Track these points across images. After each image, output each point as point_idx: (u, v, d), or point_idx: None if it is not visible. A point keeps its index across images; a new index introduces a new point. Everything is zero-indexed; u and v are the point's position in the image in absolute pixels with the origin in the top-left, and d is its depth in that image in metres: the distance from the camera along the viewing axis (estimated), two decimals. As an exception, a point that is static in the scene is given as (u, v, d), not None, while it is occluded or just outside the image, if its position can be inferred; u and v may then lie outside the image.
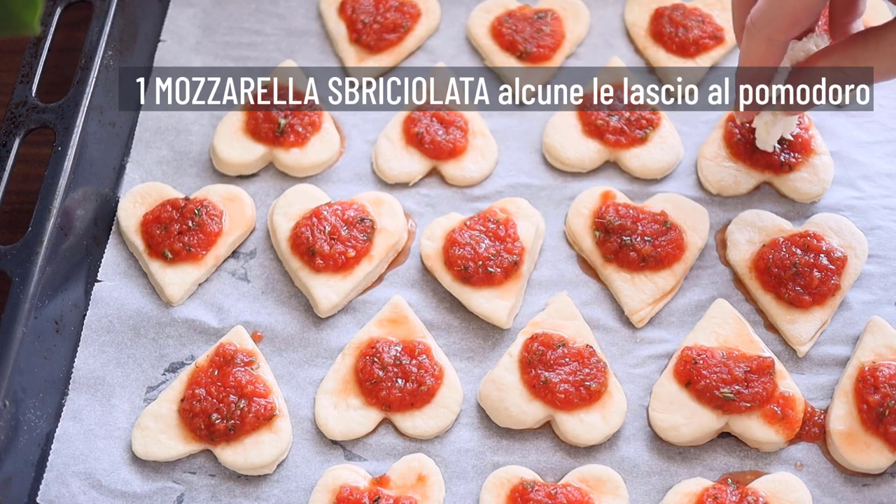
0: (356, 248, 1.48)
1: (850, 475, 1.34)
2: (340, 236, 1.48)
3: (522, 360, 1.39)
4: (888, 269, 1.50)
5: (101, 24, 1.59)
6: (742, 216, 1.53)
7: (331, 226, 1.48)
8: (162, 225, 1.51)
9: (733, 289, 1.49)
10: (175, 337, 1.47)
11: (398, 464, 1.35)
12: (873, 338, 1.41)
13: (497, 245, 1.47)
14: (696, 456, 1.37)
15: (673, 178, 1.60)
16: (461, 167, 1.59)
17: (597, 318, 1.47)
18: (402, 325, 1.45)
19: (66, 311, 1.44)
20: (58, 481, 1.35)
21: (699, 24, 1.70)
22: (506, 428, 1.39)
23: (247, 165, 1.60)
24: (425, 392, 1.38)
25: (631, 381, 1.42)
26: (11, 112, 1.50)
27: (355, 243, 1.48)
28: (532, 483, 1.31)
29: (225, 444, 1.35)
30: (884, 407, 1.32)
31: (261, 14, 1.78)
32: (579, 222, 1.53)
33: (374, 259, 1.49)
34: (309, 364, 1.45)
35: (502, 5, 1.76)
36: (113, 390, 1.42)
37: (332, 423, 1.38)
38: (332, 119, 1.65)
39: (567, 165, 1.60)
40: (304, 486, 1.36)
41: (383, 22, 1.71)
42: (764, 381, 1.35)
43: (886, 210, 1.55)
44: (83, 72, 1.54)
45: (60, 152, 1.47)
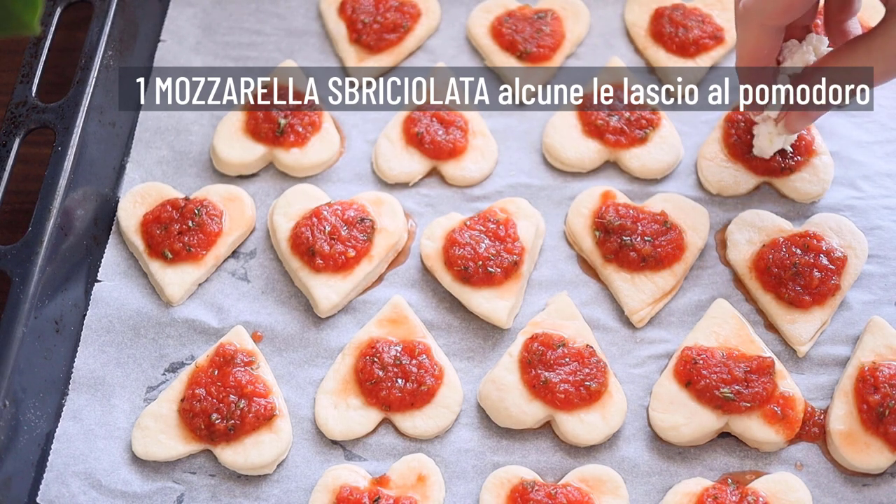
0: (356, 248, 1.48)
1: (850, 475, 1.34)
2: (340, 236, 1.48)
3: (522, 360, 1.39)
4: (888, 269, 1.50)
5: (101, 24, 1.59)
6: (742, 216, 1.53)
7: (331, 226, 1.48)
8: (162, 225, 1.51)
9: (733, 289, 1.50)
10: (175, 337, 1.47)
11: (398, 464, 1.35)
12: (873, 338, 1.41)
13: (497, 245, 1.47)
14: (696, 456, 1.37)
15: (673, 178, 1.60)
16: (461, 167, 1.59)
17: (597, 318, 1.47)
18: (402, 325, 1.45)
19: (66, 311, 1.44)
20: (58, 481, 1.35)
21: (699, 24, 1.70)
22: (506, 428, 1.39)
23: (247, 165, 1.60)
24: (425, 392, 1.38)
25: (631, 381, 1.42)
26: (11, 112, 1.50)
27: (355, 243, 1.48)
28: (532, 483, 1.31)
29: (225, 444, 1.35)
30: (884, 407, 1.32)
31: (261, 14, 1.78)
32: (579, 222, 1.53)
33: (374, 259, 1.49)
34: (309, 364, 1.45)
35: (502, 5, 1.76)
36: (113, 390, 1.42)
37: (332, 423, 1.38)
38: (332, 119, 1.65)
39: (567, 165, 1.60)
40: (304, 486, 1.36)
41: (383, 22, 1.71)
42: (764, 381, 1.35)
43: (886, 210, 1.55)
44: (83, 72, 1.54)
45: (60, 152, 1.47)
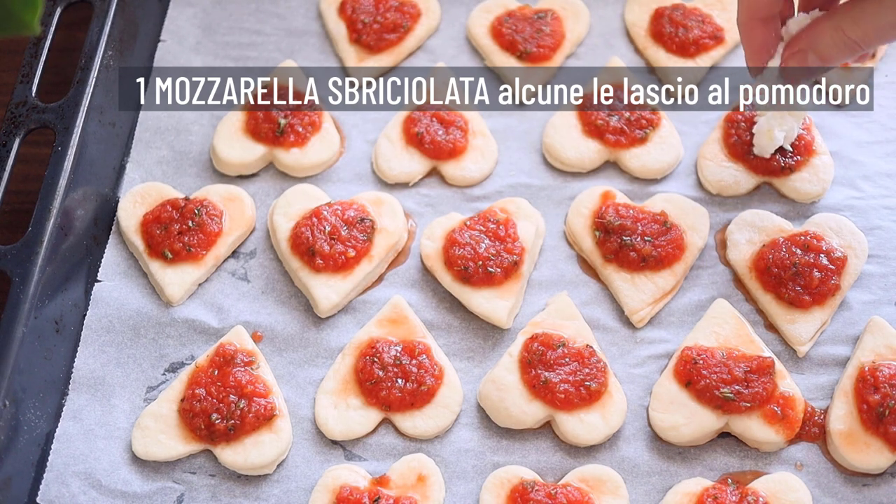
0: (356, 248, 1.48)
1: (850, 475, 1.34)
2: (340, 236, 1.48)
3: (522, 360, 1.39)
4: (888, 269, 1.50)
5: (101, 24, 1.59)
6: (742, 216, 1.53)
7: (331, 226, 1.48)
8: (162, 225, 1.51)
9: (733, 289, 1.50)
10: (175, 337, 1.47)
11: (398, 464, 1.35)
12: (873, 338, 1.41)
13: (497, 245, 1.47)
14: (696, 456, 1.37)
15: (673, 178, 1.60)
16: (461, 167, 1.59)
17: (597, 318, 1.47)
18: (402, 325, 1.45)
19: (66, 311, 1.44)
20: (58, 481, 1.35)
21: (699, 24, 1.70)
22: (506, 428, 1.39)
23: (247, 165, 1.60)
24: (425, 392, 1.38)
25: (631, 381, 1.42)
26: (11, 112, 1.50)
27: (355, 243, 1.48)
28: (532, 483, 1.31)
29: (225, 444, 1.35)
30: (884, 407, 1.32)
31: (261, 14, 1.78)
32: (579, 222, 1.53)
33: (374, 259, 1.49)
34: (309, 364, 1.45)
35: (502, 5, 1.76)
36: (113, 390, 1.42)
37: (332, 423, 1.38)
38: (332, 119, 1.65)
39: (567, 165, 1.60)
40: (304, 486, 1.36)
41: (383, 22, 1.71)
42: (764, 381, 1.35)
43: (886, 210, 1.55)
44: (83, 72, 1.54)
45: (60, 152, 1.47)
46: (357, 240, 1.49)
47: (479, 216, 1.51)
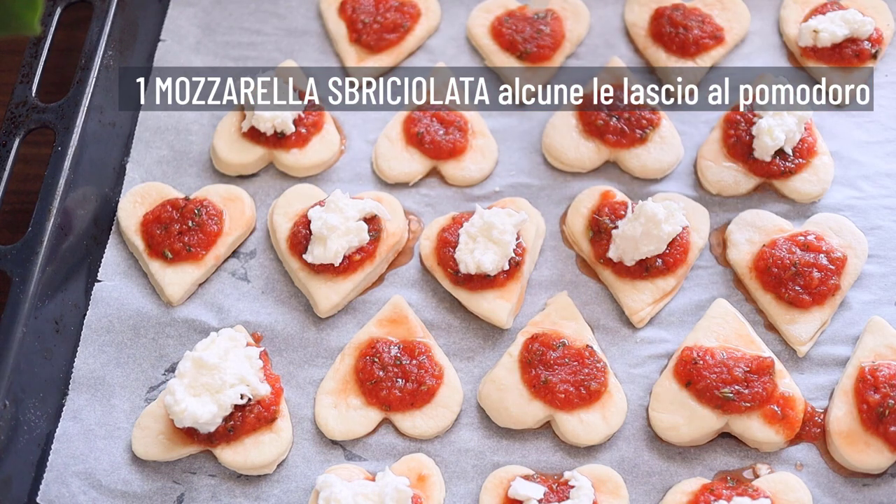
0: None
1: (850, 475, 1.34)
2: (340, 236, 1.48)
3: (522, 360, 1.39)
4: (888, 269, 1.50)
5: (101, 24, 1.59)
6: (742, 216, 1.53)
7: (331, 226, 1.48)
8: (162, 225, 1.51)
9: (733, 289, 1.50)
10: (175, 337, 1.47)
11: (398, 464, 1.35)
12: (873, 338, 1.41)
13: (497, 245, 1.47)
14: (695, 456, 1.37)
15: (673, 178, 1.60)
16: (461, 167, 1.59)
17: (597, 318, 1.47)
18: (402, 325, 1.45)
19: (66, 311, 1.44)
20: (58, 481, 1.35)
21: (699, 24, 1.70)
22: (506, 428, 1.39)
23: (247, 165, 1.60)
24: (425, 392, 1.38)
25: (631, 381, 1.42)
26: (11, 112, 1.50)
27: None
28: (532, 483, 1.31)
29: (225, 445, 1.35)
30: (884, 407, 1.32)
31: (261, 14, 1.78)
32: (579, 222, 1.53)
33: (374, 259, 1.49)
34: (309, 364, 1.45)
35: (502, 5, 1.76)
36: (113, 390, 1.43)
37: (333, 423, 1.38)
38: (332, 119, 1.65)
39: (567, 165, 1.60)
40: (304, 486, 1.36)
41: (383, 22, 1.71)
42: (764, 381, 1.35)
43: (886, 210, 1.55)
44: (83, 72, 1.54)
45: (60, 152, 1.47)
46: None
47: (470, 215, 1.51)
